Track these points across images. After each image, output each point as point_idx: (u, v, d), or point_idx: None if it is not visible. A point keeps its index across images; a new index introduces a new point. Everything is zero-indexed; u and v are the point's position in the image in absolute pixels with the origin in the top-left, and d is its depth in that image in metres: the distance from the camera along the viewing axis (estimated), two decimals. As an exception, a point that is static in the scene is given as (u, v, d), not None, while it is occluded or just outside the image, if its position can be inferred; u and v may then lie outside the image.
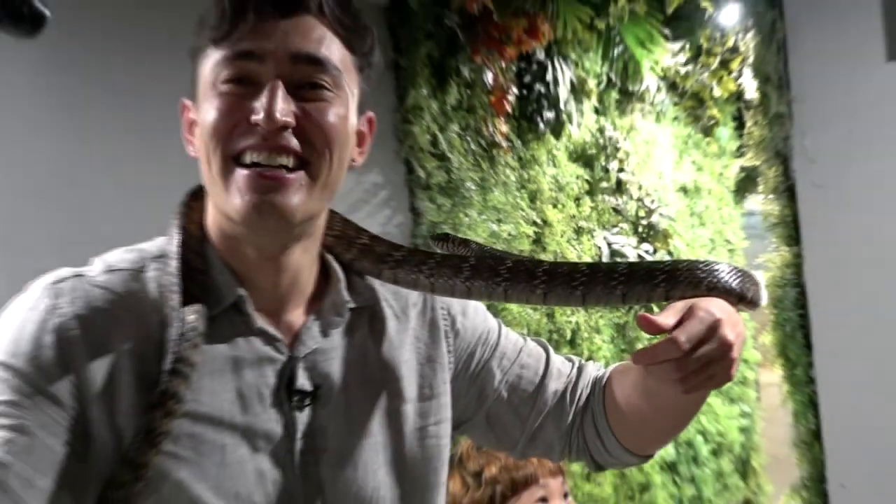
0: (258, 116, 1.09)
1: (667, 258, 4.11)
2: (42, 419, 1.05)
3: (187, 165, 1.27)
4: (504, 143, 3.35)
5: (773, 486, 5.02)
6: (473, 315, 1.41)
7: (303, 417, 1.20)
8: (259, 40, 1.12)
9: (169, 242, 1.19)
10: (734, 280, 1.18)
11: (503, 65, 3.35)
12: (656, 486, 3.88)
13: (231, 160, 1.12)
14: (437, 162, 3.10)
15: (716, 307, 1.10)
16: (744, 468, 4.72)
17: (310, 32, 1.14)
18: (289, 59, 1.12)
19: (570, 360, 1.46)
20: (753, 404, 4.85)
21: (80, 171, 2.18)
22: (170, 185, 1.29)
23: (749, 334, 4.85)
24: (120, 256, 1.19)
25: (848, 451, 2.70)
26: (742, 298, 1.19)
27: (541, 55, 3.51)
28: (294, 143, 1.12)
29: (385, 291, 1.34)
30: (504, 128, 3.35)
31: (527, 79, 3.50)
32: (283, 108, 1.10)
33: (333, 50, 1.16)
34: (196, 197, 1.23)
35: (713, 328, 1.08)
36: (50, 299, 1.11)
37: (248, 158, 1.11)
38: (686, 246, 4.34)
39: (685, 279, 1.16)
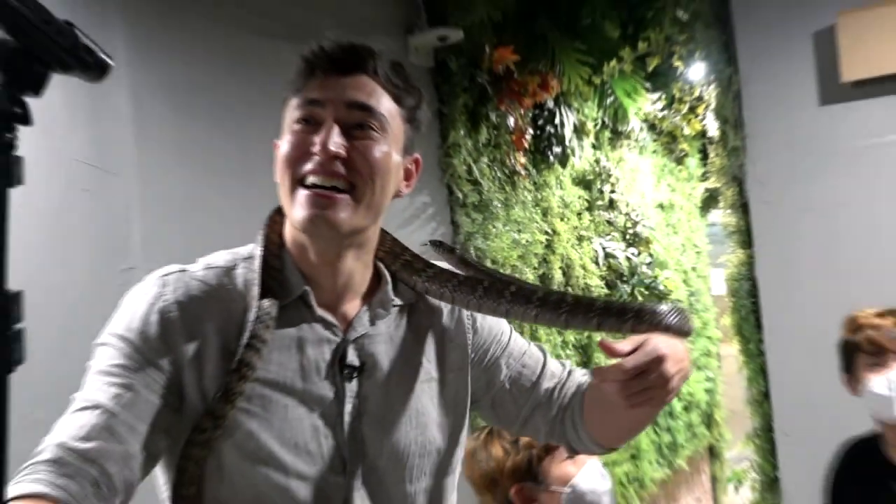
0: (316, 148, 1.11)
1: (647, 259, 4.11)
2: (145, 380, 1.08)
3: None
4: (522, 172, 3.37)
5: (731, 435, 4.99)
6: (491, 318, 1.38)
7: (351, 387, 1.20)
8: (323, 90, 1.15)
9: (256, 247, 1.21)
10: (677, 320, 1.18)
11: (522, 111, 3.37)
12: (640, 434, 3.87)
13: (297, 182, 1.13)
14: (471, 186, 3.12)
15: (665, 345, 1.09)
16: (708, 420, 4.70)
17: (364, 87, 1.16)
18: (344, 105, 1.14)
19: (563, 364, 1.44)
20: (716, 371, 4.82)
21: (204, 195, 2.22)
22: (266, 206, 1.32)
23: (712, 317, 4.83)
24: (218, 256, 1.22)
25: (790, 407, 2.70)
26: (683, 333, 1.19)
27: (550, 104, 3.53)
28: (343, 169, 1.13)
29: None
30: (522, 160, 3.37)
31: (540, 122, 3.53)
32: (336, 142, 1.11)
33: (382, 101, 1.17)
34: (278, 212, 1.24)
35: (657, 362, 1.07)
36: (158, 288, 1.14)
37: (308, 181, 1.12)
38: (663, 249, 4.32)
39: (648, 319, 1.16)
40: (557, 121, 3.54)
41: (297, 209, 1.13)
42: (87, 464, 1.00)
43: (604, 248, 3.86)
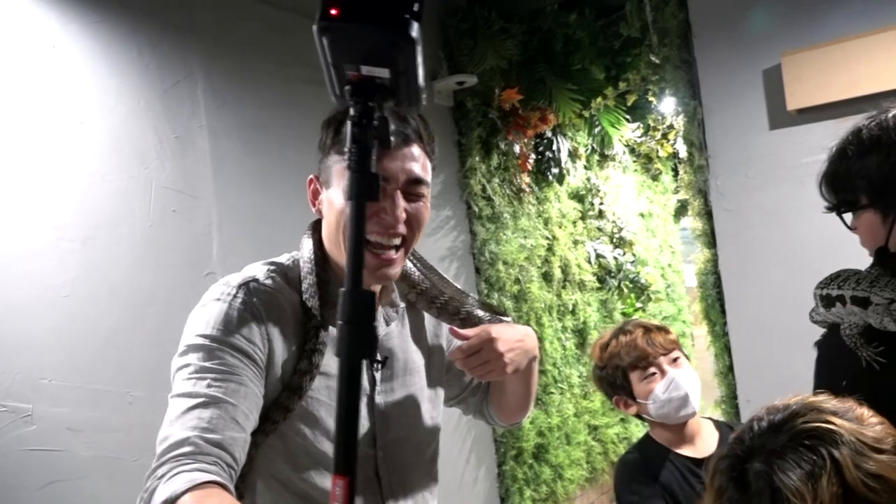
0: (388, 217, 1.08)
1: (631, 258, 4.07)
2: (248, 373, 1.04)
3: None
4: (527, 189, 3.36)
5: (705, 401, 4.92)
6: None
7: (378, 377, 1.21)
8: (390, 163, 1.08)
9: (302, 257, 1.17)
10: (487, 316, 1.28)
11: (525, 140, 3.36)
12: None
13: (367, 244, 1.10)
14: (485, 202, 3.12)
15: (497, 330, 1.19)
16: (685, 390, 4.66)
17: (418, 158, 1.12)
18: (406, 180, 1.10)
19: None
20: (690, 349, 4.76)
21: (269, 213, 2.23)
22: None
23: (686, 304, 4.77)
24: (256, 267, 1.16)
25: (750, 378, 2.67)
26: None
27: (549, 134, 3.51)
28: (403, 230, 1.11)
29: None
30: (527, 179, 3.36)
31: (540, 148, 3.51)
32: (402, 213, 1.09)
33: (427, 166, 1.14)
34: (315, 228, 1.21)
35: (487, 342, 1.17)
36: (237, 293, 1.09)
37: (372, 238, 1.10)
38: (644, 250, 4.28)
39: (475, 321, 1.26)
40: (555, 147, 3.53)
41: (376, 272, 1.10)
42: (223, 452, 0.96)
43: (595, 250, 3.83)
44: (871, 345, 1.10)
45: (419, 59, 0.68)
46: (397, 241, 1.11)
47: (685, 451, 1.76)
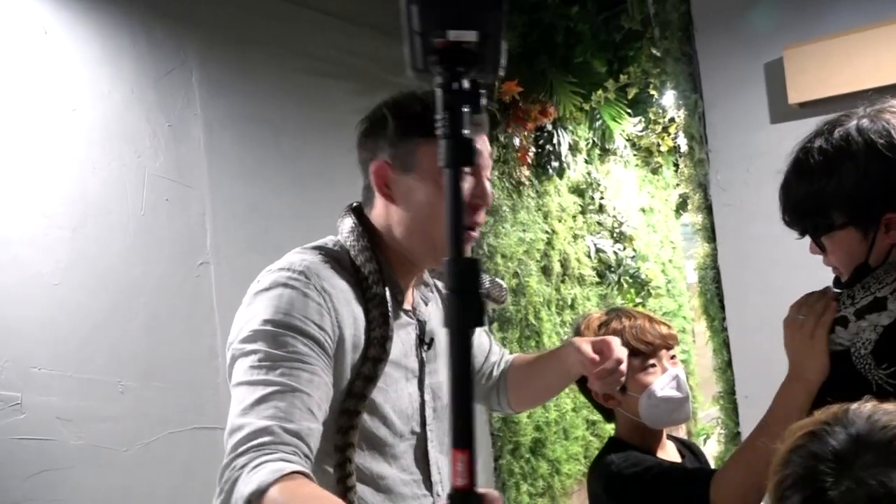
0: (479, 200, 1.12)
1: (631, 253, 4.05)
2: (320, 363, 1.02)
3: (332, 199, 1.27)
4: (527, 182, 3.34)
5: (703, 397, 4.90)
6: None
7: (425, 358, 1.21)
8: (480, 144, 1.12)
9: (342, 241, 1.15)
10: (496, 291, 1.33)
11: (526, 133, 3.33)
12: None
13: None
14: (484, 195, 3.09)
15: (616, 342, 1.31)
16: (684, 386, 4.63)
17: (487, 142, 1.17)
18: (488, 158, 1.17)
19: (500, 348, 1.49)
20: (690, 344, 4.75)
21: (263, 204, 2.22)
22: (312, 212, 1.30)
23: (686, 300, 4.74)
24: (317, 250, 1.14)
25: (748, 374, 2.64)
26: (496, 301, 1.33)
27: (549, 127, 3.48)
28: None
29: None
30: (526, 172, 3.34)
31: (541, 142, 3.48)
32: (490, 191, 1.14)
33: None
34: (356, 213, 1.19)
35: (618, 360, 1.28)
36: (304, 279, 1.06)
37: (472, 225, 1.13)
38: (644, 245, 4.26)
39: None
40: (555, 140, 3.49)
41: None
42: (300, 441, 0.95)
43: (595, 245, 3.81)
44: (880, 367, 1.07)
45: (504, 22, 0.67)
46: (482, 220, 1.14)
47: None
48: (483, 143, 1.15)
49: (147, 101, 1.95)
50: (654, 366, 1.55)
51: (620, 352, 1.26)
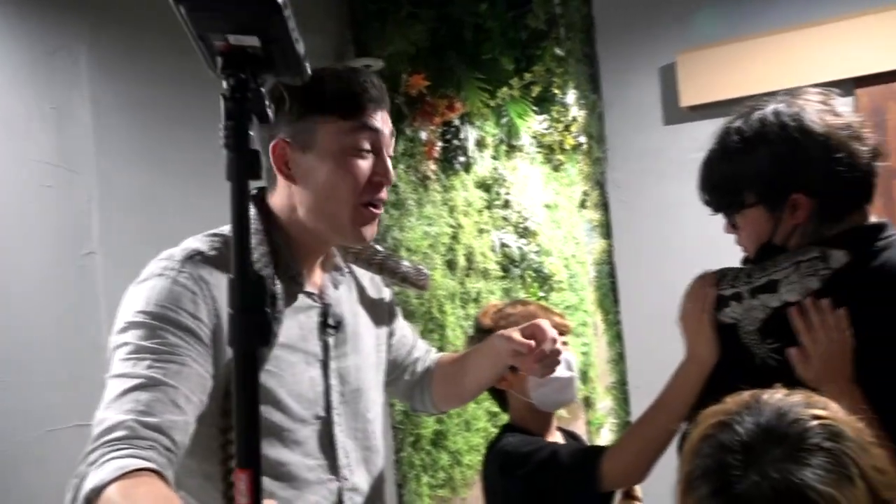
0: (387, 178, 1.14)
1: (535, 248, 4.12)
2: (191, 353, 0.99)
3: (216, 186, 1.24)
4: (433, 177, 3.35)
5: (602, 388, 5.06)
6: (397, 308, 1.45)
7: (332, 342, 1.19)
8: (380, 123, 1.14)
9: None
10: (415, 275, 1.38)
11: (432, 128, 3.34)
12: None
13: (362, 202, 1.13)
14: (390, 188, 3.08)
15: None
16: (584, 376, 4.75)
17: (388, 119, 1.16)
18: (389, 136, 1.15)
19: (427, 345, 1.51)
20: (591, 337, 4.87)
21: (156, 191, 2.14)
22: (207, 201, 1.26)
23: (588, 294, 4.87)
24: (211, 237, 1.12)
25: (639, 365, 2.74)
26: (417, 287, 1.40)
27: (457, 122, 3.50)
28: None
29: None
30: (433, 167, 3.34)
31: (448, 136, 3.49)
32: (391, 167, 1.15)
33: None
34: (255, 199, 1.17)
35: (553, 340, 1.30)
36: (178, 267, 1.04)
37: (373, 203, 1.15)
38: (548, 240, 4.34)
39: (391, 267, 1.35)
40: (462, 136, 3.52)
41: (367, 229, 1.14)
42: (160, 435, 0.91)
43: (500, 240, 3.86)
44: (765, 342, 1.13)
45: (291, 25, 0.64)
46: (385, 196, 1.16)
47: None
48: (384, 121, 1.15)
49: (25, 80, 1.84)
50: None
51: (552, 332, 1.28)
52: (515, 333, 1.29)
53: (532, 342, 1.27)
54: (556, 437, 1.68)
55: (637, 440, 1.34)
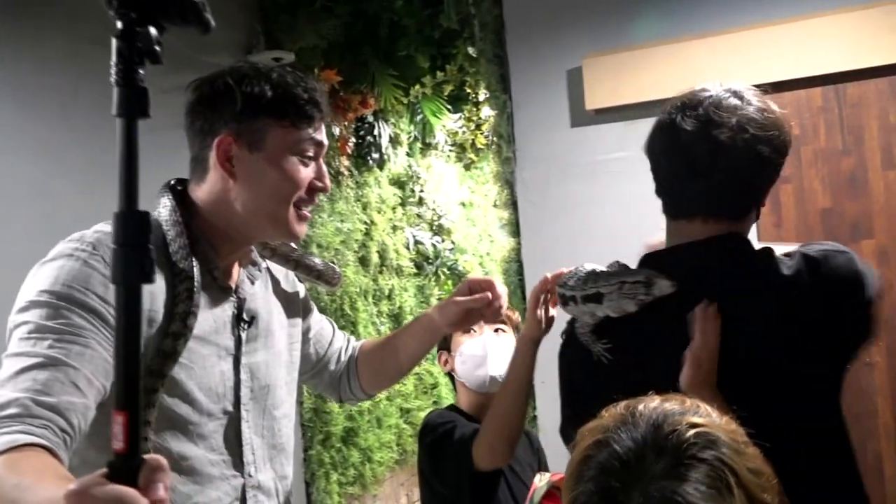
0: (323, 183, 1.16)
1: (450, 245, 4.16)
2: (95, 335, 0.96)
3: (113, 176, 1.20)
4: (346, 172, 3.33)
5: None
6: (311, 301, 1.46)
7: (244, 336, 1.18)
8: (320, 134, 1.15)
9: (156, 215, 1.12)
10: (328, 273, 1.40)
11: (346, 123, 3.32)
12: (441, 385, 3.92)
13: (294, 203, 1.13)
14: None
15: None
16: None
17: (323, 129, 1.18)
18: (324, 147, 1.17)
19: (344, 335, 1.52)
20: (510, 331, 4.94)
21: (47, 181, 2.05)
22: (102, 192, 1.20)
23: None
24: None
25: (545, 361, 2.79)
26: (328, 284, 1.41)
27: (370, 118, 3.49)
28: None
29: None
30: (346, 163, 3.33)
31: (361, 132, 3.48)
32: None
33: None
34: (172, 189, 1.15)
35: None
36: (85, 248, 1.01)
37: (305, 204, 1.15)
38: (463, 238, 4.38)
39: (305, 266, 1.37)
40: (376, 132, 3.52)
41: (299, 227, 1.15)
42: (56, 416, 0.88)
43: (414, 237, 3.88)
44: (600, 340, 1.17)
45: None
46: (315, 202, 1.18)
47: None
48: (322, 133, 1.17)
49: None
50: (474, 331, 1.76)
51: (501, 287, 1.39)
52: (459, 297, 1.35)
53: (486, 295, 1.34)
54: None
55: (492, 420, 1.44)
